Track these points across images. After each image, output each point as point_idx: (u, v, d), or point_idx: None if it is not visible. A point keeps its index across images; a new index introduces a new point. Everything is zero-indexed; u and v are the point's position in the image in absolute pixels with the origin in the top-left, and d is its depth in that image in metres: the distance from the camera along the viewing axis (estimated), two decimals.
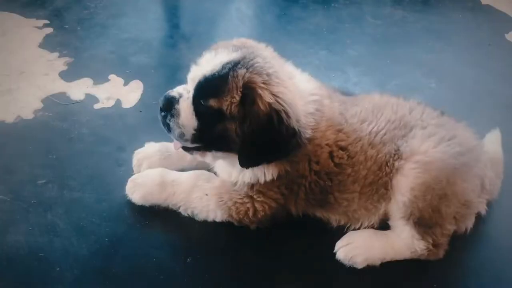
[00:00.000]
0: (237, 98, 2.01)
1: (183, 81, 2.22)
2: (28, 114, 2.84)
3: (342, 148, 2.19)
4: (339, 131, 2.20)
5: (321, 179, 2.21)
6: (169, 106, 2.12)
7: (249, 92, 2.00)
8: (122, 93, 3.07)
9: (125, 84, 3.14)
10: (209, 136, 2.13)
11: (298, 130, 2.05)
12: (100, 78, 3.16)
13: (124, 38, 3.54)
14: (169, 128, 2.13)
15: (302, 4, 4.13)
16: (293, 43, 3.66)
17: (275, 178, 2.18)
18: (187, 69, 2.19)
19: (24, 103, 2.91)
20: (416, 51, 3.69)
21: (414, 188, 2.09)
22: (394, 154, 2.17)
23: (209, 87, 2.05)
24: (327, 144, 2.18)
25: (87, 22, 3.67)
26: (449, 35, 3.94)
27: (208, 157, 2.27)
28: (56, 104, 2.93)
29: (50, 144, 2.69)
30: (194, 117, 2.10)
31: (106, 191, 2.45)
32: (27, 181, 2.45)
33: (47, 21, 3.61)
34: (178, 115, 2.10)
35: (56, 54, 3.32)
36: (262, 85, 2.00)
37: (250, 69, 2.03)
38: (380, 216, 2.28)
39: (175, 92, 2.15)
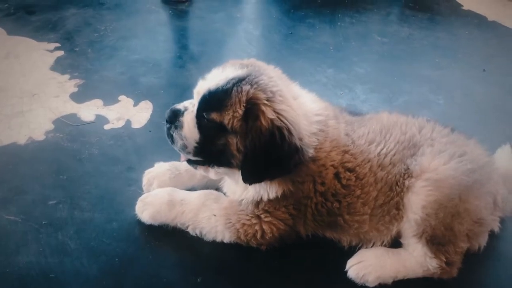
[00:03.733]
0: (240, 112, 2.03)
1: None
2: (39, 136, 2.87)
3: (349, 170, 2.19)
4: (345, 152, 2.20)
5: (328, 200, 2.19)
6: (174, 118, 2.17)
7: (252, 107, 2.02)
8: (131, 113, 3.10)
9: (135, 104, 3.17)
10: (210, 149, 2.15)
11: (301, 147, 2.06)
12: (110, 99, 3.19)
13: (133, 60, 3.60)
14: (172, 140, 2.19)
15: (309, 23, 4.18)
16: (301, 62, 3.70)
17: (279, 196, 2.18)
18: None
19: (36, 124, 2.94)
20: (423, 68, 3.71)
21: (426, 206, 2.08)
22: (404, 173, 2.16)
23: (212, 101, 2.09)
24: (332, 165, 2.17)
25: (97, 44, 3.74)
26: (456, 51, 3.97)
27: (211, 173, 2.28)
28: (67, 125, 2.96)
29: (61, 164, 2.70)
30: (196, 129, 2.14)
31: (116, 211, 2.45)
32: (38, 202, 2.46)
33: (58, 44, 3.68)
34: (181, 127, 2.15)
35: (67, 76, 3.37)
36: (266, 102, 2.01)
37: (255, 86, 2.05)
38: (393, 236, 2.26)
39: (181, 105, 2.21)
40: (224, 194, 2.39)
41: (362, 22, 4.24)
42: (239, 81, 2.06)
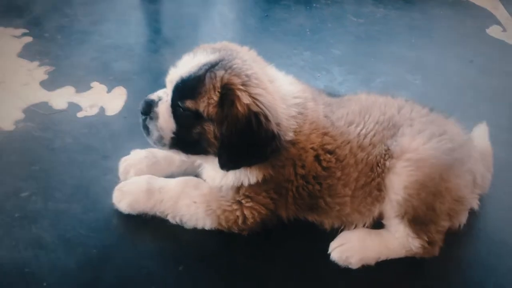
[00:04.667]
0: (215, 99, 1.98)
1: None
2: (9, 126, 2.75)
3: (329, 152, 2.16)
4: (325, 134, 2.17)
5: (309, 183, 2.17)
6: (148, 109, 2.11)
7: (227, 93, 1.96)
8: (105, 100, 3.00)
9: (108, 91, 3.08)
10: (187, 139, 2.10)
11: (278, 133, 2.01)
12: (82, 86, 3.09)
13: (106, 44, 3.48)
14: (148, 132, 2.13)
15: (284, 5, 4.12)
16: (277, 45, 3.64)
17: (260, 181, 2.15)
18: None
19: (4, 113, 2.82)
20: (399, 48, 3.70)
21: (408, 187, 2.07)
22: (385, 154, 2.15)
23: (186, 89, 2.03)
24: (312, 148, 2.14)
25: (67, 29, 3.60)
26: (431, 31, 3.97)
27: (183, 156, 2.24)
28: (38, 114, 2.85)
29: (33, 155, 2.61)
30: (172, 119, 2.08)
31: (92, 201, 2.37)
32: (10, 194, 2.36)
33: (26, 30, 3.52)
34: (156, 117, 2.09)
35: (36, 63, 3.24)
36: (241, 87, 1.96)
37: (229, 71, 1.99)
38: (375, 217, 2.25)
39: (154, 95, 2.14)
40: (204, 180, 2.34)
41: (337, 3, 4.20)
42: (212, 66, 2.01)
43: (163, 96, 2.12)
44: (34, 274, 2.04)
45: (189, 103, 2.02)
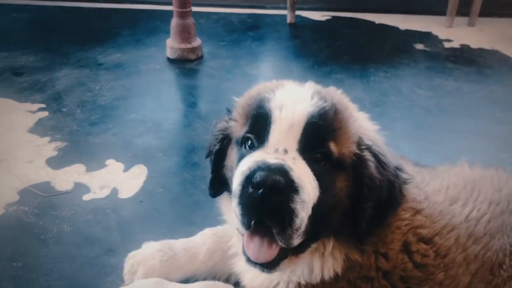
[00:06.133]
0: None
1: (199, 164, 1.77)
2: None
3: (424, 240, 1.47)
4: (418, 212, 1.50)
5: (395, 287, 1.45)
6: (284, 177, 1.29)
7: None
8: (120, 180, 2.42)
9: (126, 170, 2.51)
10: (323, 210, 1.40)
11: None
12: (95, 164, 2.54)
13: (129, 119, 2.99)
14: (290, 219, 1.30)
15: (336, 79, 3.59)
16: None
17: (337, 274, 1.46)
18: (202, 150, 1.57)
19: None
20: (483, 123, 3.01)
21: None
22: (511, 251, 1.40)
23: (325, 128, 1.41)
24: (398, 228, 1.45)
25: (88, 104, 3.16)
26: None
27: (302, 263, 1.49)
28: (36, 196, 2.30)
29: (19, 247, 2.02)
30: (315, 182, 1.37)
31: None
32: None
33: (43, 105, 3.11)
34: (301, 188, 1.31)
35: (47, 138, 2.76)
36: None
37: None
38: None
39: (271, 158, 1.35)
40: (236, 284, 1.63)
41: (399, 76, 3.64)
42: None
43: (288, 149, 1.38)
44: None
45: (333, 146, 1.40)
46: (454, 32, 4.56)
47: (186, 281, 1.76)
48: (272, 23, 4.74)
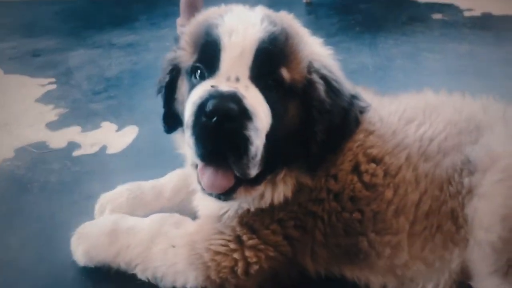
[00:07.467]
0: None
1: None
2: None
3: (374, 160, 1.42)
4: (370, 133, 1.45)
5: (345, 208, 1.40)
6: (236, 105, 1.27)
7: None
8: (110, 139, 2.49)
9: (118, 130, 2.57)
10: (278, 137, 1.38)
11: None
12: (90, 125, 2.63)
13: (131, 88, 3.07)
14: (245, 147, 1.29)
15: (343, 47, 3.51)
16: None
17: (282, 202, 1.44)
18: None
19: None
20: (494, 83, 2.83)
21: (509, 216, 1.19)
22: (462, 168, 1.35)
23: (276, 53, 1.39)
24: (349, 150, 1.40)
25: (96, 77, 3.27)
26: None
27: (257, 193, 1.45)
28: (30, 153, 2.40)
29: (6, 194, 2.12)
30: (268, 108, 1.35)
31: (51, 249, 1.77)
32: None
33: (53, 79, 3.24)
34: (254, 115, 1.30)
35: (51, 106, 2.87)
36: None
37: None
38: (453, 272, 1.34)
39: (223, 86, 1.32)
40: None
41: (410, 43, 3.51)
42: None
43: (240, 77, 1.35)
44: None
45: (285, 72, 1.38)
46: (477, 2, 4.36)
47: None
48: (288, 2, 4.72)
